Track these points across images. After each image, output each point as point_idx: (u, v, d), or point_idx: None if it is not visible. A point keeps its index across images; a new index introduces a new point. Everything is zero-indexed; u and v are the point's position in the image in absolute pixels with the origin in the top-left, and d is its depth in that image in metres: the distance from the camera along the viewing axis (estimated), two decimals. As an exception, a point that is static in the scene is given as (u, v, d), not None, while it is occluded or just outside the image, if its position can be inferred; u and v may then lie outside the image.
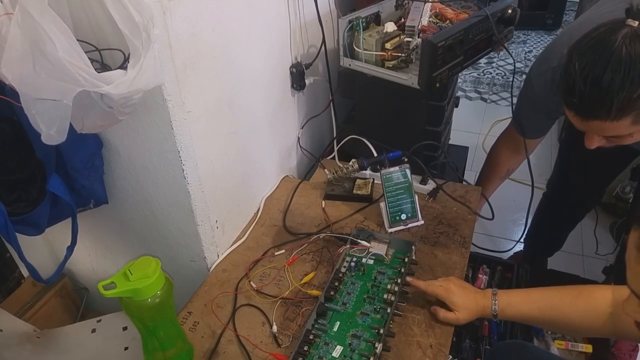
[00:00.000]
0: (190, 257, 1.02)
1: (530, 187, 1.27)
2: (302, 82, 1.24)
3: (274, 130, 1.20)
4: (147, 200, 0.95)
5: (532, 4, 3.60)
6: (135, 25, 0.62)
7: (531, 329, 1.43)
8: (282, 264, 1.02)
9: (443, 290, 0.88)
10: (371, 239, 1.03)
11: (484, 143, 2.52)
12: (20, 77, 0.57)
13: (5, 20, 0.56)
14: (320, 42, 1.23)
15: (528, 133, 1.22)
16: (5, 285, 1.01)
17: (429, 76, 1.04)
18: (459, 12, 1.20)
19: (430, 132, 1.26)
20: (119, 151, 0.89)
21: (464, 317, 0.86)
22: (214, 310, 0.93)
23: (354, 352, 0.82)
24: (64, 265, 0.93)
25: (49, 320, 1.08)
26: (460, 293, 0.87)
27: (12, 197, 0.79)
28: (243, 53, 0.98)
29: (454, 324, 0.87)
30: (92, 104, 0.64)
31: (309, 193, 1.24)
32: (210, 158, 0.94)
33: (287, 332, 0.88)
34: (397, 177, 1.09)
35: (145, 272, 0.71)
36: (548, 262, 1.78)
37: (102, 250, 1.10)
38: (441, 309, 0.88)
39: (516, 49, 3.49)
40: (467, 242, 1.06)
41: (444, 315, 0.87)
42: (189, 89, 0.82)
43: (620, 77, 0.76)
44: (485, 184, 1.39)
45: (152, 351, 0.79)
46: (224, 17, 0.89)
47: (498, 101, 2.95)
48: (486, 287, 1.40)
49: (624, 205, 1.93)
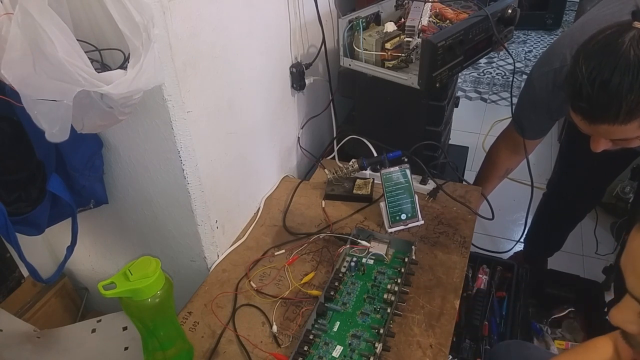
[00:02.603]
0: (190, 257, 1.02)
1: (530, 187, 1.27)
2: (302, 82, 1.24)
3: (274, 130, 1.20)
4: (147, 200, 0.95)
5: (532, 4, 3.60)
6: (135, 25, 0.62)
7: (531, 329, 1.44)
8: (282, 264, 1.02)
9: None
10: (371, 239, 1.03)
11: (484, 143, 2.52)
12: (21, 78, 0.57)
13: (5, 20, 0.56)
14: (320, 42, 1.23)
15: (528, 133, 1.22)
16: (5, 285, 1.01)
17: (429, 76, 1.04)
18: (459, 12, 1.20)
19: (430, 132, 1.26)
20: (119, 151, 0.89)
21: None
22: (214, 310, 0.93)
23: (354, 352, 0.82)
24: (64, 265, 0.93)
25: (49, 320, 1.08)
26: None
27: (12, 197, 0.79)
28: (243, 53, 0.98)
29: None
30: (92, 104, 0.64)
31: (309, 193, 1.24)
32: (210, 158, 0.94)
33: (287, 332, 0.88)
34: (397, 177, 1.09)
35: (145, 272, 0.70)
36: (548, 262, 1.78)
37: (102, 250, 1.10)
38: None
39: (516, 49, 3.49)
40: (467, 242, 1.06)
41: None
42: (189, 89, 0.82)
43: (628, 80, 0.75)
44: (484, 183, 1.39)
45: (152, 351, 0.79)
46: (224, 17, 0.89)
47: (498, 101, 2.95)
48: (486, 287, 1.40)
49: (624, 205, 1.93)
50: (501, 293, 1.42)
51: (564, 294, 1.53)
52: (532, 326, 1.45)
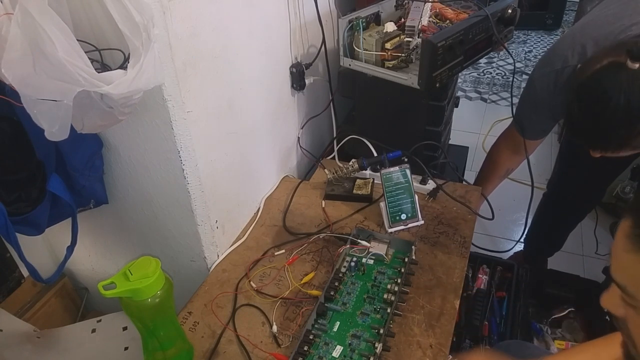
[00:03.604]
0: (190, 257, 1.02)
1: (530, 187, 1.27)
2: (302, 82, 1.24)
3: (274, 130, 1.20)
4: (147, 200, 0.95)
5: (532, 4, 3.60)
6: (135, 25, 0.62)
7: (531, 329, 1.44)
8: (282, 264, 1.02)
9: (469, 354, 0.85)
10: (371, 239, 1.03)
11: (484, 143, 2.52)
12: (21, 78, 0.57)
13: (5, 20, 0.56)
14: (320, 42, 1.23)
15: (529, 134, 1.22)
16: (5, 285, 1.01)
17: (429, 76, 1.04)
18: (459, 12, 1.20)
19: (430, 132, 1.26)
20: (119, 151, 0.89)
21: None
22: (214, 310, 0.93)
23: (354, 352, 0.82)
24: (64, 265, 0.93)
25: (49, 320, 1.08)
26: None
27: (12, 197, 0.79)
28: (243, 53, 0.98)
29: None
30: (92, 104, 0.64)
31: (309, 193, 1.24)
32: (210, 158, 0.94)
33: (287, 332, 0.88)
34: (397, 177, 1.09)
35: (145, 272, 0.71)
36: (548, 262, 1.78)
37: (102, 250, 1.10)
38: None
39: (516, 49, 3.49)
40: (467, 242, 1.06)
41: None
42: (189, 89, 0.82)
43: (618, 119, 0.82)
44: (484, 183, 1.39)
45: (152, 351, 0.79)
46: (224, 17, 0.89)
47: (498, 101, 2.95)
48: (486, 287, 1.40)
49: (624, 205, 1.93)
50: (501, 293, 1.42)
51: (564, 294, 1.53)
52: (532, 326, 1.45)
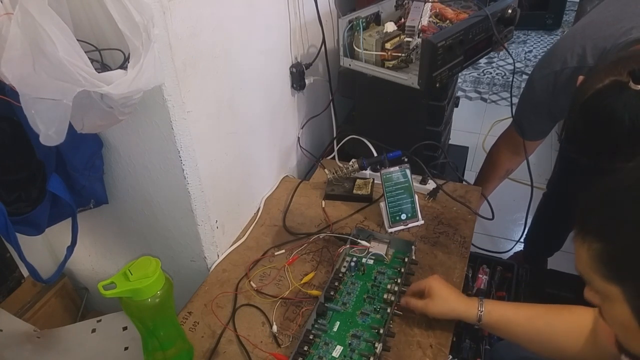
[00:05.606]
0: (190, 257, 1.02)
1: (530, 187, 1.27)
2: (302, 82, 1.24)
3: (274, 130, 1.20)
4: (147, 200, 0.95)
5: (532, 4, 3.60)
6: (135, 25, 0.62)
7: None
8: (282, 264, 1.02)
9: (426, 280, 0.86)
10: (371, 239, 1.03)
11: (484, 143, 2.52)
12: (20, 77, 0.57)
13: (5, 20, 0.56)
14: (320, 42, 1.23)
15: (528, 135, 1.22)
16: (5, 285, 1.01)
17: (429, 76, 1.04)
18: (459, 12, 1.20)
19: (430, 132, 1.26)
20: (119, 151, 0.89)
21: (437, 308, 0.83)
22: (214, 310, 0.93)
23: (354, 352, 0.82)
24: (64, 265, 0.93)
25: (49, 320, 1.08)
26: (442, 286, 0.85)
27: (12, 197, 0.79)
28: (243, 53, 0.98)
29: (422, 312, 0.84)
30: (92, 104, 0.64)
31: (309, 193, 1.24)
32: (210, 158, 0.94)
33: (287, 332, 0.88)
34: (397, 177, 1.09)
35: (145, 272, 0.71)
36: (548, 262, 1.78)
37: (102, 250, 1.10)
38: (411, 298, 0.86)
39: (516, 49, 3.49)
40: (467, 242, 1.06)
41: (414, 304, 0.85)
42: (189, 89, 0.82)
43: (624, 139, 0.80)
44: (484, 183, 1.39)
45: (152, 351, 0.79)
46: (224, 17, 0.89)
47: (498, 101, 2.95)
48: (486, 287, 1.40)
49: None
50: (501, 293, 1.42)
51: (564, 294, 1.52)
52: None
